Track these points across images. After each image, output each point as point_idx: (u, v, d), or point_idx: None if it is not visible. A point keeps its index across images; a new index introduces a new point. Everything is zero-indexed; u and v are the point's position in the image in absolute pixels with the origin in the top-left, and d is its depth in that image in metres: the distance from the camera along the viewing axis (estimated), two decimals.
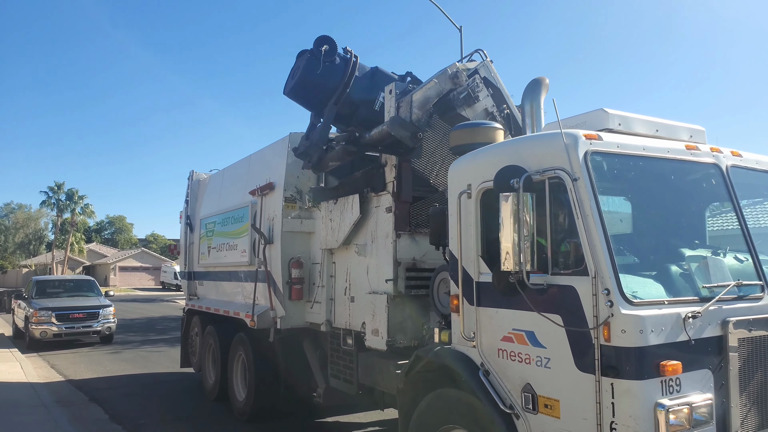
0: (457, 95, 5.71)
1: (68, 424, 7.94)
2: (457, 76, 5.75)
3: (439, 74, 5.81)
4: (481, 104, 5.74)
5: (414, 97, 5.68)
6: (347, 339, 6.66)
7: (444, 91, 5.75)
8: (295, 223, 7.51)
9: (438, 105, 5.77)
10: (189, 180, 11.40)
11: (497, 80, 6.00)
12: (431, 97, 5.74)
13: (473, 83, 5.73)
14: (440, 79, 5.79)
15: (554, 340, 3.61)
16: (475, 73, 5.83)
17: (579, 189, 3.54)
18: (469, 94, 5.67)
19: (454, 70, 5.77)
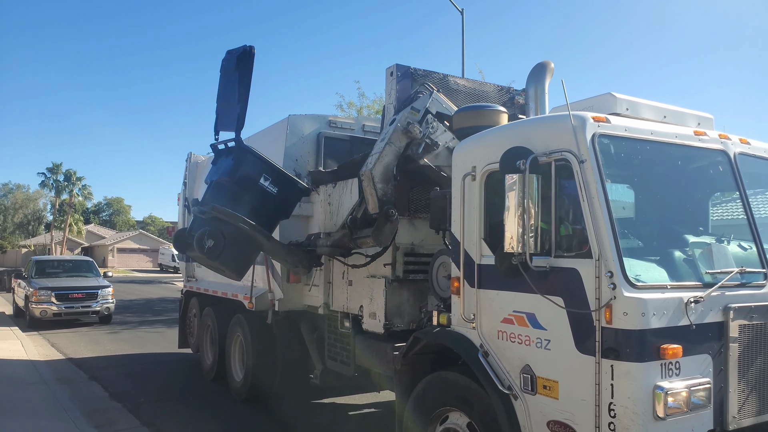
0: (416, 150, 5.34)
1: (69, 401, 7.96)
2: (409, 130, 5.31)
3: (391, 133, 5.36)
4: (441, 146, 5.41)
5: (374, 173, 5.30)
6: (344, 322, 6.66)
7: (401, 149, 5.38)
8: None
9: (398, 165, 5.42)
10: (187, 162, 11.32)
11: (449, 106, 5.74)
12: (390, 163, 5.36)
13: (427, 129, 5.38)
14: (394, 139, 5.36)
15: (555, 322, 3.60)
16: (426, 114, 5.46)
17: (585, 171, 3.52)
18: (427, 144, 5.33)
19: (404, 122, 5.33)
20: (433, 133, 5.43)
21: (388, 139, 5.36)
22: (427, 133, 5.40)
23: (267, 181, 6.08)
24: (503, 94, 6.60)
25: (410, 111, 5.45)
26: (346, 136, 7.85)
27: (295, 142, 7.50)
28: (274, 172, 6.20)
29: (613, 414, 3.27)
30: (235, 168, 5.95)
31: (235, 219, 5.83)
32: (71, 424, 6.86)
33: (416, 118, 5.45)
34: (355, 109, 21.33)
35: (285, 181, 6.30)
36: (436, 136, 5.46)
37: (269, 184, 6.07)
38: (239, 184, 5.97)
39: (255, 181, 6.02)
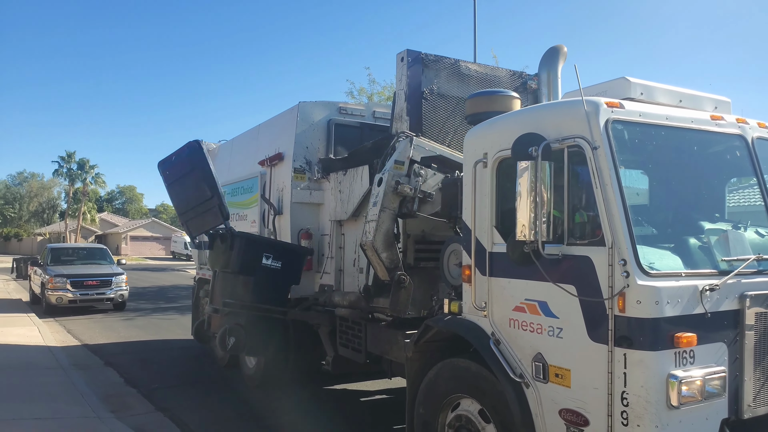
0: (411, 207, 5.29)
1: (85, 386, 8.09)
2: (399, 191, 5.24)
3: (382, 198, 5.27)
4: (433, 189, 5.37)
5: (376, 245, 5.26)
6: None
7: (396, 210, 5.33)
8: (305, 194, 7.47)
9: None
10: None
11: (433, 148, 5.59)
12: (389, 228, 5.32)
13: (417, 181, 5.29)
14: (386, 203, 5.27)
15: (567, 310, 3.58)
16: (412, 165, 5.36)
17: (599, 158, 3.46)
18: (420, 199, 5.28)
19: (392, 183, 5.24)
20: (423, 183, 5.35)
21: (380, 204, 5.28)
22: (418, 187, 5.32)
23: (269, 259, 6.25)
24: (516, 79, 6.51)
25: (394, 166, 5.36)
26: (357, 122, 7.82)
27: (305, 130, 7.48)
28: (272, 248, 6.33)
29: (626, 402, 3.24)
30: (236, 258, 6.08)
31: (247, 309, 6.05)
32: (88, 408, 6.97)
33: (402, 173, 5.38)
34: (366, 96, 21.23)
35: (286, 252, 6.44)
36: (428, 185, 5.39)
37: (272, 261, 6.25)
38: (243, 271, 6.11)
39: (258, 262, 6.16)
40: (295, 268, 6.53)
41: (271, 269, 6.17)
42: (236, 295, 6.06)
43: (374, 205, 5.37)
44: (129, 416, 6.86)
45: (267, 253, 6.16)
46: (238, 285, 6.11)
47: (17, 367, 8.89)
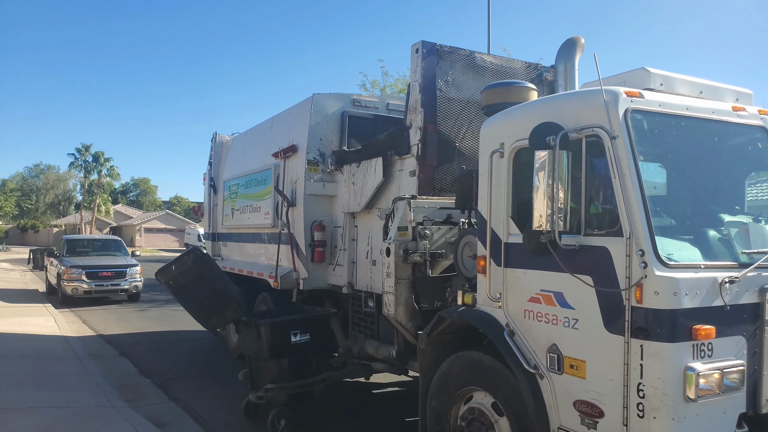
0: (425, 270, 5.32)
1: (100, 375, 8.19)
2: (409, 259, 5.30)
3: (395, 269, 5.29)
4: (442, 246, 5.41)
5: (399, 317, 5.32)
6: (368, 301, 6.68)
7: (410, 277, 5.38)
8: (318, 186, 7.48)
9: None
10: (212, 142, 11.42)
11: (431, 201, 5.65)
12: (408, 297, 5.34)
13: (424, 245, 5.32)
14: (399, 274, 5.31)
15: (583, 301, 3.55)
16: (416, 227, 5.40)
17: (617, 148, 3.42)
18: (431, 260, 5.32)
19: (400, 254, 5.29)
20: (430, 241, 5.36)
21: (394, 276, 5.32)
22: (427, 249, 5.33)
23: (297, 335, 6.27)
24: (531, 70, 6.46)
25: (398, 234, 5.38)
26: (371, 114, 7.80)
27: (319, 122, 7.48)
28: (298, 324, 6.36)
29: (642, 395, 3.21)
30: (266, 345, 6.12)
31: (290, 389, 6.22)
32: (103, 398, 7.05)
33: (408, 239, 5.40)
34: (379, 88, 21.16)
35: (313, 322, 6.49)
36: (435, 241, 5.40)
37: (300, 336, 6.27)
38: (275, 356, 6.19)
39: (287, 342, 6.22)
40: (324, 332, 6.68)
41: (302, 344, 6.29)
42: (275, 378, 6.23)
43: (388, 276, 5.41)
44: (143, 406, 6.94)
45: (294, 331, 6.25)
46: (273, 368, 6.27)
47: (34, 356, 9.02)
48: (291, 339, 6.22)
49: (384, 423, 6.59)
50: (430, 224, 5.50)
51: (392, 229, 5.48)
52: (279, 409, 6.07)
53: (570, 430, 3.60)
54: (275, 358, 6.16)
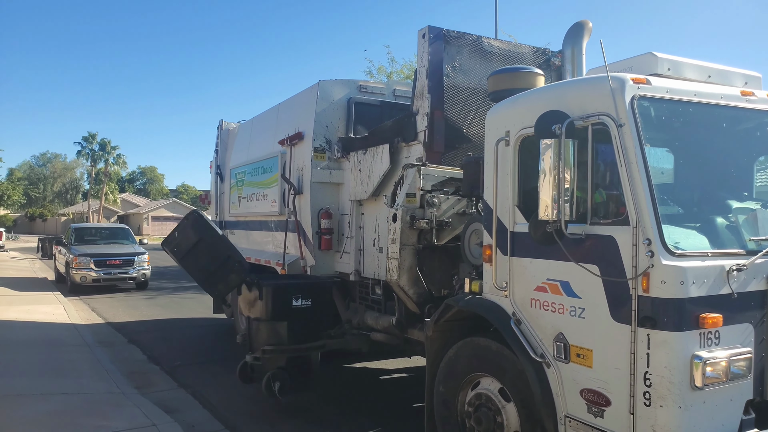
0: (431, 238, 5.34)
1: (110, 362, 8.30)
2: (416, 226, 5.31)
3: (400, 235, 5.29)
4: (449, 215, 5.44)
5: (402, 283, 5.37)
6: (376, 288, 6.71)
7: (416, 244, 5.39)
8: (324, 174, 7.47)
9: None
10: (218, 129, 11.42)
11: (441, 170, 5.63)
12: (412, 264, 5.38)
13: (431, 213, 5.34)
14: (404, 240, 5.32)
15: (590, 290, 3.54)
16: (424, 195, 5.41)
17: (624, 136, 3.39)
18: (437, 229, 5.32)
19: (407, 219, 5.30)
20: (438, 210, 5.33)
21: (399, 241, 5.30)
22: (434, 218, 5.29)
23: (298, 300, 6.28)
24: (539, 55, 6.39)
25: (406, 200, 5.34)
26: (377, 101, 7.77)
27: (325, 108, 7.45)
28: (300, 288, 6.39)
29: (649, 383, 3.22)
30: (268, 306, 6.17)
31: (288, 352, 6.28)
32: (113, 384, 7.14)
33: (415, 205, 5.36)
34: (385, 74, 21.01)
35: (314, 288, 6.48)
36: (443, 212, 5.36)
37: (301, 301, 6.29)
38: (276, 318, 6.19)
39: (288, 305, 6.23)
40: (325, 299, 6.68)
41: (303, 309, 6.31)
42: (273, 340, 6.26)
43: (393, 242, 5.40)
44: (152, 392, 7.00)
45: (296, 295, 6.28)
46: (273, 330, 6.28)
47: (44, 343, 9.14)
48: (293, 303, 6.23)
49: (391, 408, 6.64)
50: (438, 192, 5.47)
51: (400, 195, 5.46)
52: (274, 372, 6.07)
53: (577, 418, 3.62)
54: (276, 320, 6.14)
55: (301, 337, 6.35)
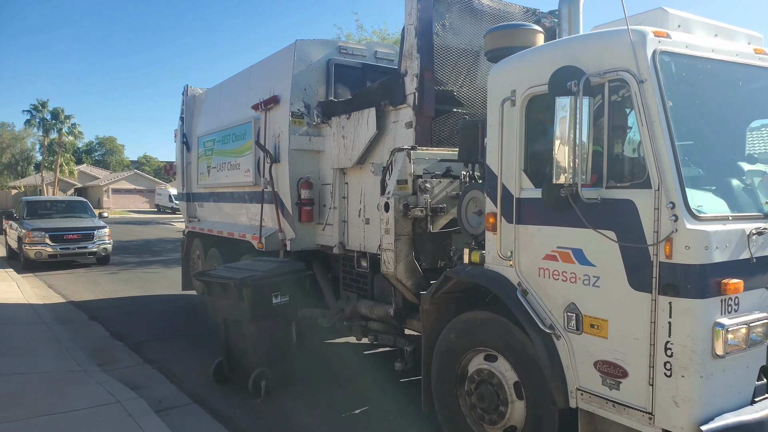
0: (425, 226, 5.14)
1: (70, 340, 7.90)
2: (409, 214, 5.09)
3: (394, 225, 5.08)
4: (443, 200, 5.21)
5: (399, 275, 5.13)
6: (361, 261, 6.46)
7: (410, 233, 5.18)
8: (303, 141, 7.11)
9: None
10: (183, 95, 10.82)
11: (432, 152, 5.40)
12: (409, 253, 5.15)
13: (425, 199, 5.09)
14: (399, 230, 5.10)
15: (605, 257, 3.37)
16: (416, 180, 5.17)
17: (646, 92, 3.18)
18: (432, 215, 5.13)
19: (399, 208, 5.07)
20: (431, 194, 5.11)
21: (393, 232, 5.06)
22: (428, 204, 5.07)
23: (278, 297, 6.10)
24: (529, 16, 6.13)
25: (398, 187, 5.10)
26: (358, 63, 7.39)
27: (303, 70, 7.04)
28: (279, 285, 6.12)
29: (670, 353, 3.09)
30: (248, 308, 5.91)
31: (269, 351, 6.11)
32: (73, 362, 6.81)
33: (408, 193, 5.11)
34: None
35: (291, 282, 6.27)
36: (436, 195, 5.14)
37: (280, 298, 6.12)
38: (257, 319, 5.98)
39: (269, 304, 6.03)
40: (301, 291, 6.50)
41: (282, 305, 6.14)
42: (253, 340, 6.05)
43: (387, 233, 5.16)
44: (116, 369, 6.74)
45: (275, 292, 6.08)
46: (253, 330, 6.05)
47: None
48: (273, 301, 6.06)
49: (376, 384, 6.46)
50: (429, 177, 5.25)
51: (390, 182, 5.21)
52: (260, 371, 5.94)
53: (590, 391, 3.48)
54: (256, 321, 5.97)
55: (282, 335, 6.26)
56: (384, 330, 6.10)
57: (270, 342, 6.06)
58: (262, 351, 6.01)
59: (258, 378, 5.91)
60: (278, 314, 6.11)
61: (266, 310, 5.99)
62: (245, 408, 5.72)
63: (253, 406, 5.77)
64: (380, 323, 6.10)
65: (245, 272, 6.08)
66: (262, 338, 6.01)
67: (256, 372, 5.92)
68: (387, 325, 6.02)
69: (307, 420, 5.50)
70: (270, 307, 6.02)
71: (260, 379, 5.92)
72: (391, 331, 6.02)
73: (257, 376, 5.91)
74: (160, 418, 5.13)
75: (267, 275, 6.04)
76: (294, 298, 6.27)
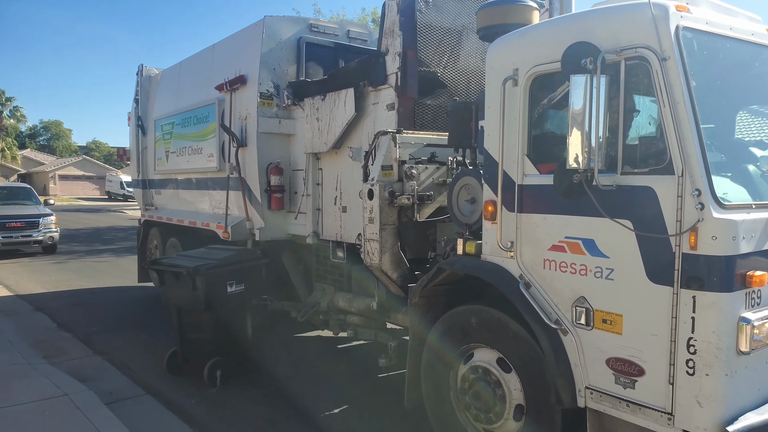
0: (411, 214, 4.84)
1: (13, 332, 7.39)
2: (395, 202, 4.78)
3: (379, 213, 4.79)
4: (430, 188, 4.95)
5: (384, 266, 4.81)
6: (338, 252, 6.11)
7: (396, 222, 4.86)
8: (273, 124, 6.67)
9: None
10: (138, 76, 10.12)
11: (417, 137, 5.12)
12: (394, 244, 4.84)
13: (411, 186, 4.83)
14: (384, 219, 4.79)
15: (620, 248, 3.14)
16: (401, 165, 4.87)
17: (669, 71, 2.94)
18: (419, 203, 4.85)
19: (384, 196, 4.76)
20: (417, 179, 4.83)
21: (378, 221, 4.75)
22: (415, 191, 4.78)
23: (233, 286, 5.94)
24: None
25: (382, 173, 4.79)
26: (331, 42, 6.98)
27: (272, 48, 6.58)
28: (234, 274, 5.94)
29: (693, 350, 2.89)
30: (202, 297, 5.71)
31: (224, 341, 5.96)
32: (17, 355, 6.36)
33: (393, 179, 4.80)
34: None
35: (246, 271, 6.09)
36: (423, 182, 4.87)
37: (235, 287, 5.95)
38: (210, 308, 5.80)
39: (224, 293, 5.87)
40: (257, 280, 6.33)
41: (237, 294, 5.98)
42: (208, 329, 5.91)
43: (371, 222, 4.84)
44: (64, 361, 6.36)
45: (230, 281, 5.91)
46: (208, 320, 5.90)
47: None
48: (227, 289, 5.90)
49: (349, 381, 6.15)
50: (413, 163, 4.95)
51: (374, 168, 4.88)
52: (215, 361, 5.80)
53: (601, 389, 3.27)
54: (210, 310, 5.81)
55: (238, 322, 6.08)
56: (364, 324, 5.78)
57: (225, 331, 5.94)
58: (217, 340, 5.89)
59: (213, 367, 5.77)
60: (234, 303, 5.97)
61: (221, 299, 5.85)
62: (201, 398, 5.55)
63: (209, 396, 5.62)
64: (360, 317, 5.78)
65: (199, 260, 5.92)
66: (217, 327, 5.90)
67: (212, 361, 5.78)
68: (368, 318, 5.70)
69: (266, 410, 5.33)
70: (225, 295, 5.87)
71: (216, 369, 5.78)
72: (372, 325, 5.71)
73: (212, 366, 5.77)
74: (111, 411, 4.94)
75: (222, 263, 5.90)
76: (250, 286, 6.10)
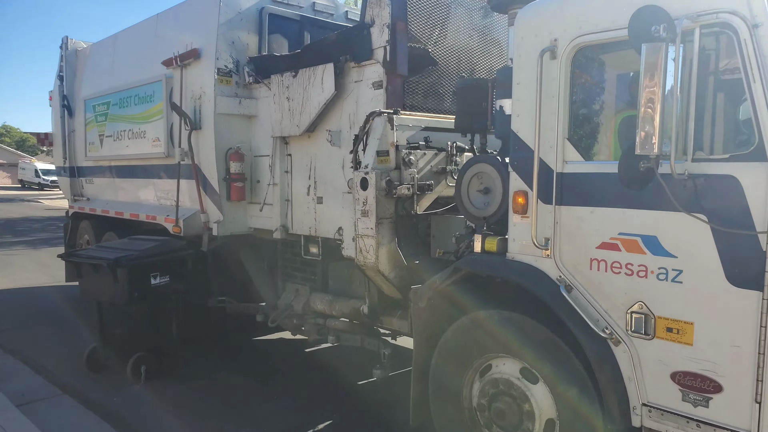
0: (410, 207, 4.38)
1: None
2: (392, 192, 4.23)
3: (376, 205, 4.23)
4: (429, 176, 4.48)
5: (381, 267, 4.27)
6: (310, 248, 5.46)
7: (394, 216, 4.33)
8: (232, 104, 5.88)
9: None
10: (62, 50, 8.89)
11: (416, 118, 4.61)
12: (392, 241, 4.31)
13: (410, 174, 4.33)
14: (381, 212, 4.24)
15: (692, 246, 2.73)
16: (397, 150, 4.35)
17: (761, 39, 2.53)
18: (420, 193, 4.38)
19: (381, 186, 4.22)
20: (416, 167, 4.33)
21: (375, 215, 4.19)
22: (415, 180, 4.28)
23: (156, 278, 5.68)
24: None
25: (378, 160, 4.26)
26: (296, 15, 6.24)
27: (231, 19, 5.78)
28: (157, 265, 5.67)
29: None
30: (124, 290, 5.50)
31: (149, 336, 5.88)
32: None
33: (390, 167, 4.27)
34: None
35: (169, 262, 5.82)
36: (422, 168, 4.37)
37: (159, 279, 5.69)
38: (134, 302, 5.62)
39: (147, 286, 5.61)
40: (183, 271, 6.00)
41: (162, 286, 5.72)
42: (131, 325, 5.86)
43: (365, 215, 4.25)
44: None
45: (153, 273, 5.66)
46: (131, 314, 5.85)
47: None
48: (151, 282, 5.66)
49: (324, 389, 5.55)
50: (410, 148, 4.39)
51: (367, 154, 4.27)
52: (139, 355, 5.65)
53: (664, 407, 2.87)
54: (134, 303, 5.66)
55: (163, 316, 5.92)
56: (349, 329, 5.17)
57: (150, 325, 5.79)
58: (141, 335, 5.75)
59: (137, 363, 5.62)
60: (158, 296, 5.77)
61: (144, 292, 5.64)
62: (124, 395, 5.36)
63: (133, 392, 5.43)
64: (344, 321, 5.17)
65: (119, 252, 5.68)
66: (141, 321, 5.76)
67: (135, 357, 5.63)
68: (353, 323, 5.10)
69: (195, 404, 5.17)
70: (148, 288, 5.65)
71: (140, 364, 5.62)
72: (358, 330, 5.11)
73: (136, 361, 5.62)
74: (22, 413, 4.74)
75: (144, 255, 5.67)
76: (175, 278, 5.85)
